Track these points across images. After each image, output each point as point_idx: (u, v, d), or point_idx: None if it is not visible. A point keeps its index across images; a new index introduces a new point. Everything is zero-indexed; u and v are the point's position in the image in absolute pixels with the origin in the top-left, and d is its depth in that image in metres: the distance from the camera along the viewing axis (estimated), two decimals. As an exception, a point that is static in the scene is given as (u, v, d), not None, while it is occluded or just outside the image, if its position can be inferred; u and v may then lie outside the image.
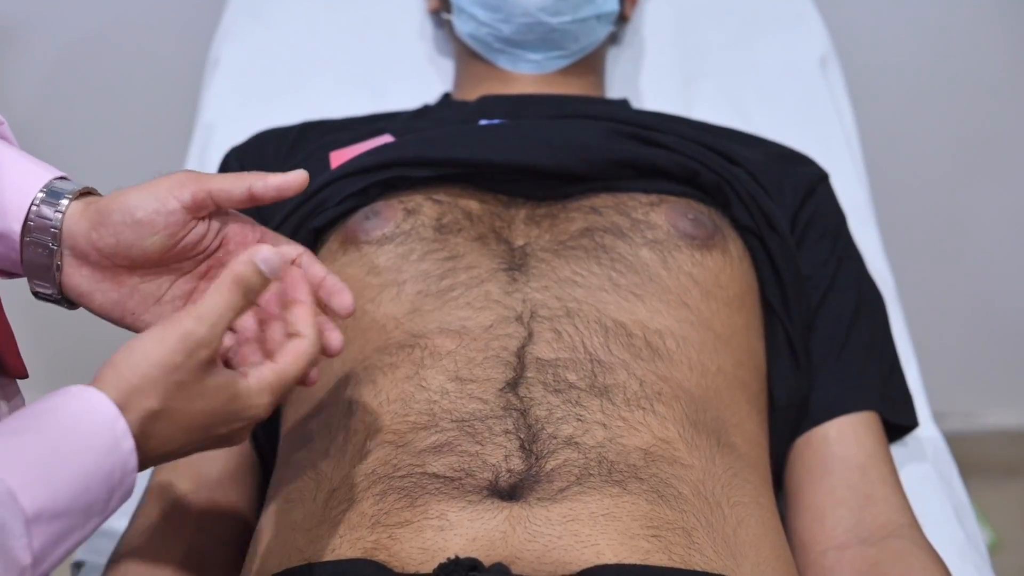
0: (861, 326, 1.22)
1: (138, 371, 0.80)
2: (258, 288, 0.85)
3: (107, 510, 0.80)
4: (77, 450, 0.77)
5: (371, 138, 1.29)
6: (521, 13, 1.34)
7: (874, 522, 1.09)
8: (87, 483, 0.77)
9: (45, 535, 0.75)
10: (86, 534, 0.79)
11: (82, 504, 0.77)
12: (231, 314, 0.83)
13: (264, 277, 0.85)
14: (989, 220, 2.06)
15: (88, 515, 0.78)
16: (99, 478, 0.78)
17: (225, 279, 0.84)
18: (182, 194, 0.91)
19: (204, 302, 0.83)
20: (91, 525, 0.79)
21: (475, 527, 0.90)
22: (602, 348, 1.05)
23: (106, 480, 0.78)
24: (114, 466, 0.78)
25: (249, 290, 0.84)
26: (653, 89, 1.59)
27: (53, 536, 0.76)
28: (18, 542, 0.74)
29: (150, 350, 0.81)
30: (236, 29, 1.65)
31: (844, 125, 1.59)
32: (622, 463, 0.96)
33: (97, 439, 0.78)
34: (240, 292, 0.84)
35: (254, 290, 0.85)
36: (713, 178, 1.20)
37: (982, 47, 1.92)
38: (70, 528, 0.77)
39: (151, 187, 0.92)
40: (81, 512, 0.77)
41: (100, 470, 0.78)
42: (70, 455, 0.77)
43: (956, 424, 2.13)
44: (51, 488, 0.75)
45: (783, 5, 1.69)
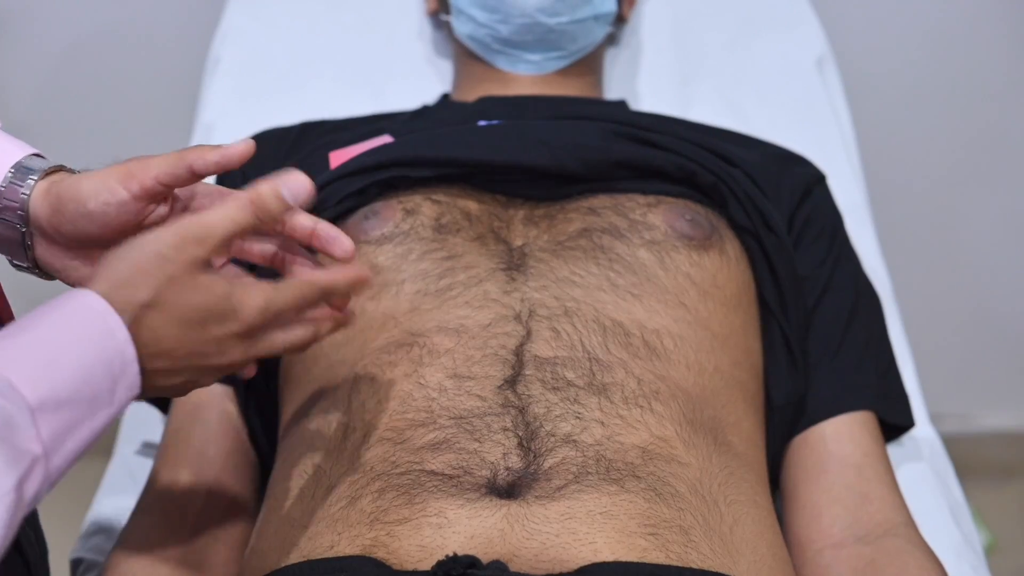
0: (857, 326, 1.22)
1: (129, 263, 0.82)
2: (274, 211, 0.85)
3: (113, 401, 0.80)
4: (72, 342, 0.78)
5: (370, 138, 1.29)
6: (519, 14, 1.35)
7: (870, 521, 1.10)
8: (87, 372, 0.78)
9: (52, 424, 0.76)
10: (96, 426, 0.79)
11: (86, 393, 0.78)
12: (234, 226, 0.84)
13: (283, 203, 0.86)
14: (986, 222, 2.07)
15: (94, 405, 0.78)
16: (99, 367, 0.78)
17: (243, 194, 0.84)
18: (131, 185, 0.91)
19: (211, 210, 0.84)
20: (100, 417, 0.79)
21: (473, 525, 0.91)
22: (600, 347, 1.05)
23: (106, 369, 0.79)
24: (112, 356, 0.79)
25: (262, 210, 0.85)
26: (651, 90, 1.59)
27: (62, 426, 0.76)
28: (25, 432, 0.74)
29: (143, 244, 0.82)
30: (236, 29, 1.65)
31: (841, 126, 1.60)
32: (620, 461, 0.96)
33: (91, 330, 0.79)
34: (251, 210, 0.84)
35: (268, 212, 0.85)
36: (710, 179, 1.20)
37: (978, 49, 1.93)
38: (78, 418, 0.77)
39: (103, 177, 0.91)
40: (86, 401, 0.78)
41: (98, 360, 0.78)
42: (66, 347, 0.77)
43: (953, 426, 2.12)
44: (51, 378, 0.76)
45: (780, 7, 1.69)
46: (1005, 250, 2.10)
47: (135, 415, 1.36)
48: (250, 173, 1.30)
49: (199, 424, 1.17)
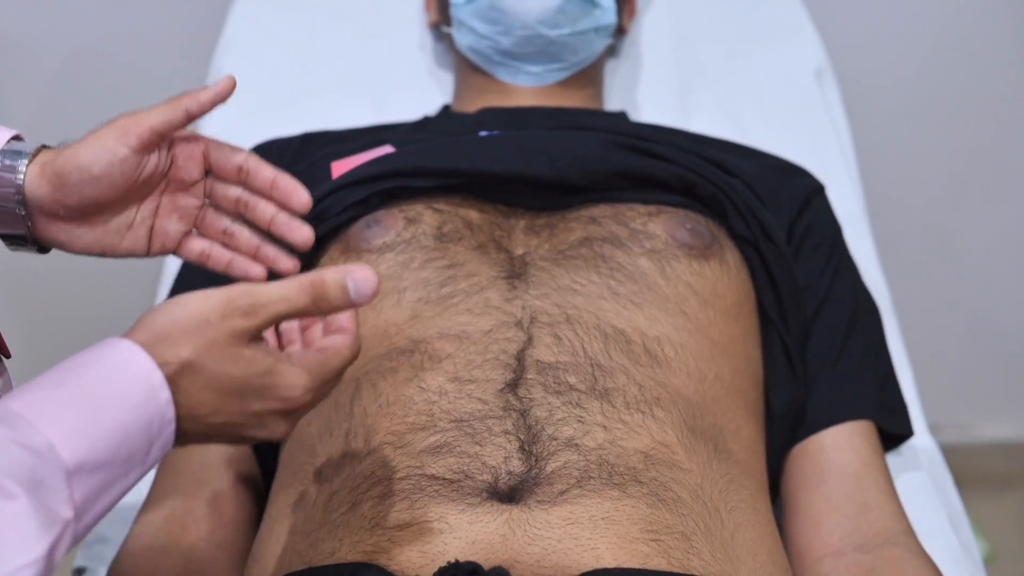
0: (857, 335, 1.22)
1: (170, 319, 0.80)
2: (335, 302, 0.82)
3: (147, 461, 0.79)
4: (114, 401, 0.77)
5: (372, 148, 1.30)
6: (520, 26, 1.35)
7: (870, 529, 1.10)
8: (126, 433, 0.77)
9: (87, 487, 0.75)
10: (129, 485, 0.79)
11: (123, 455, 0.77)
12: (285, 305, 0.82)
13: (346, 296, 0.82)
14: (984, 232, 2.07)
15: (129, 466, 0.78)
16: (138, 428, 0.77)
17: (306, 277, 0.82)
18: (129, 140, 0.92)
19: (268, 284, 0.83)
20: (133, 476, 0.79)
21: (475, 530, 0.91)
22: (602, 353, 1.06)
23: (145, 430, 0.78)
24: (151, 416, 0.78)
25: (321, 298, 0.82)
26: (651, 101, 1.60)
27: (95, 488, 0.76)
28: (59, 495, 0.74)
29: (189, 303, 0.81)
30: (238, 41, 1.66)
31: (840, 137, 1.60)
32: (622, 465, 0.96)
33: (134, 390, 0.78)
34: (310, 295, 0.82)
35: (328, 301, 0.82)
36: (710, 189, 1.21)
37: (977, 61, 1.94)
38: (112, 479, 0.77)
39: (98, 141, 0.93)
40: (122, 463, 0.77)
41: (138, 420, 0.77)
42: (108, 406, 0.76)
43: (952, 436, 2.13)
44: (91, 440, 0.75)
45: (779, 18, 1.70)
46: (1003, 260, 2.11)
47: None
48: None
49: (201, 432, 1.17)
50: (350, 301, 0.82)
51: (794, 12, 1.71)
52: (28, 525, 0.72)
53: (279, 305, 0.81)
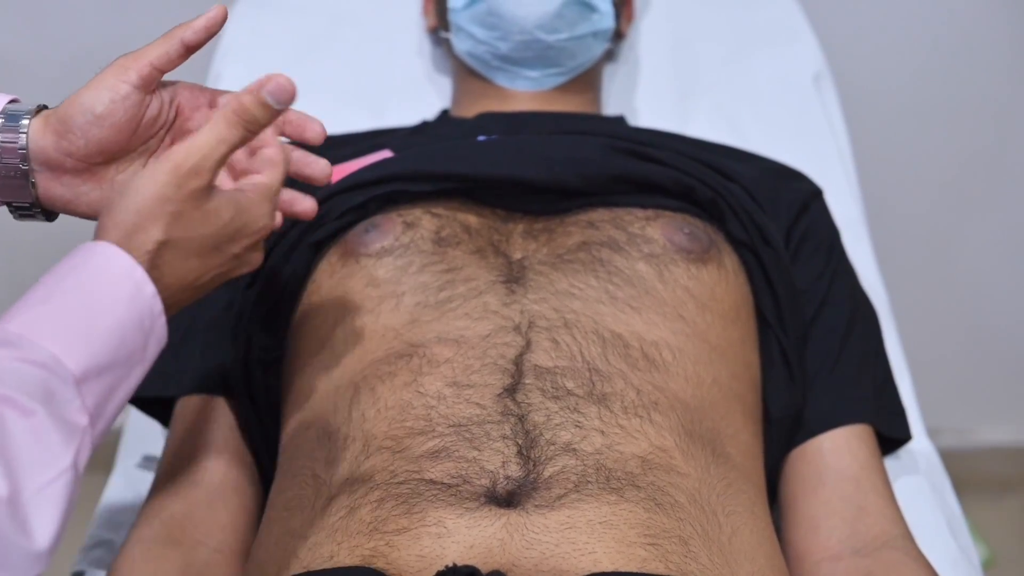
0: (855, 339, 1.23)
1: (133, 209, 0.82)
2: (261, 120, 0.85)
3: (146, 358, 0.82)
4: (105, 304, 0.79)
5: (370, 153, 1.30)
6: (518, 31, 1.35)
7: (868, 533, 1.10)
8: (122, 334, 0.80)
9: (96, 392, 0.77)
10: (133, 384, 0.81)
11: (123, 355, 0.80)
12: (224, 146, 0.84)
13: (269, 108, 0.85)
14: (983, 236, 2.07)
15: (130, 365, 0.80)
16: (132, 326, 0.80)
17: (224, 110, 0.84)
18: (129, 76, 0.93)
19: (198, 133, 0.84)
20: (136, 374, 0.81)
21: (473, 534, 0.91)
22: (600, 358, 1.06)
23: (139, 327, 0.81)
24: (142, 312, 0.81)
25: (251, 121, 0.85)
26: (649, 106, 1.60)
27: (104, 391, 0.78)
28: (72, 404, 0.76)
29: (142, 187, 0.83)
30: (237, 45, 1.66)
31: (838, 141, 1.61)
32: (620, 470, 0.96)
33: (120, 290, 0.80)
34: (239, 123, 0.84)
35: (256, 121, 0.85)
36: (708, 193, 1.21)
37: (975, 65, 1.94)
38: (117, 380, 0.79)
39: (99, 82, 0.94)
40: (123, 363, 0.80)
41: (131, 318, 0.80)
42: (101, 311, 0.79)
43: (951, 440, 2.13)
44: (91, 346, 0.78)
45: (777, 22, 1.70)
46: (1002, 264, 2.11)
47: (136, 429, 1.36)
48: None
49: (200, 437, 1.17)
50: (275, 111, 0.86)
51: (792, 16, 1.71)
52: (50, 438, 0.74)
53: (219, 148, 0.84)
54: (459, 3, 1.39)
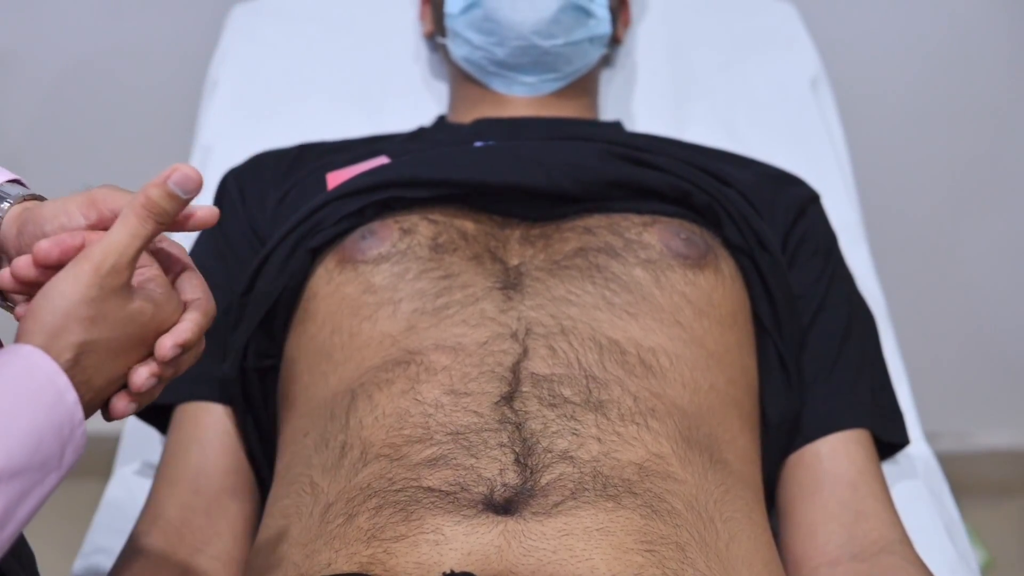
0: (852, 344, 1.22)
1: (58, 313, 0.81)
2: (171, 211, 0.84)
3: (62, 465, 0.80)
4: (25, 408, 0.78)
5: (367, 159, 1.30)
6: (515, 36, 1.35)
7: (865, 538, 1.10)
8: (39, 438, 0.78)
9: (7, 495, 0.76)
10: (46, 491, 0.79)
11: (37, 461, 0.78)
12: (138, 241, 0.84)
13: (177, 200, 0.84)
14: (980, 240, 2.07)
15: (45, 471, 0.78)
16: (50, 432, 0.78)
17: (132, 205, 0.84)
18: (89, 213, 0.90)
19: (112, 231, 0.84)
20: (50, 481, 0.79)
21: (470, 541, 0.91)
22: (596, 365, 1.06)
23: (56, 434, 0.79)
24: (62, 419, 0.79)
25: (160, 214, 0.84)
26: (646, 111, 1.60)
27: (14, 496, 0.76)
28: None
29: (65, 290, 0.82)
30: (234, 52, 1.66)
31: (835, 146, 1.61)
32: (616, 477, 0.97)
33: (42, 395, 0.78)
34: (150, 217, 0.84)
35: (166, 213, 0.84)
36: (705, 199, 1.21)
37: (972, 70, 1.94)
38: (30, 485, 0.77)
39: (66, 201, 0.91)
40: (38, 468, 0.78)
41: (50, 424, 0.78)
42: (19, 413, 0.77)
43: (949, 444, 2.13)
44: (6, 447, 0.76)
45: (774, 27, 1.70)
46: (1000, 268, 2.11)
47: (133, 436, 1.36)
48: (249, 192, 1.32)
49: (197, 443, 1.17)
50: (183, 200, 0.85)
51: (789, 21, 1.71)
52: None
53: (134, 243, 0.83)
54: (455, 9, 1.39)
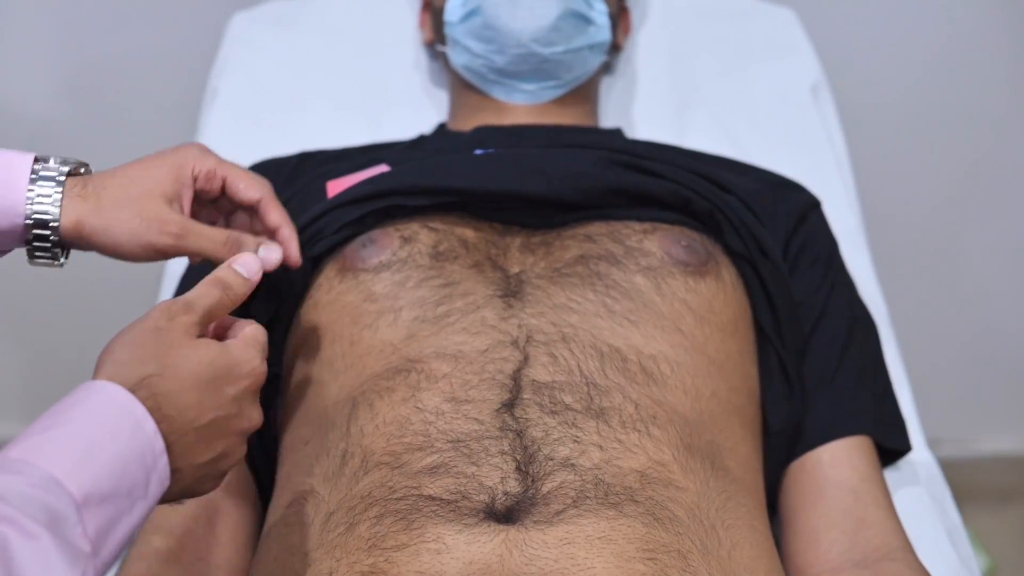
0: (853, 351, 1.22)
1: (127, 345, 0.85)
2: (237, 287, 0.94)
3: (148, 495, 0.81)
4: (106, 436, 0.79)
5: (368, 168, 1.30)
6: (514, 44, 1.35)
7: (868, 545, 1.10)
8: (124, 465, 0.79)
9: (97, 519, 0.76)
10: (135, 521, 0.80)
11: (124, 487, 0.79)
12: (210, 301, 0.91)
13: (243, 277, 0.95)
14: (983, 246, 2.07)
15: (132, 499, 0.79)
16: (133, 460, 0.80)
17: (211, 276, 0.94)
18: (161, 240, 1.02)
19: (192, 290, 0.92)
20: (138, 510, 0.80)
21: (472, 550, 0.91)
22: (598, 372, 1.06)
23: (139, 461, 0.80)
24: (143, 448, 0.80)
25: (228, 287, 0.93)
26: (647, 118, 1.60)
27: (105, 521, 0.77)
28: (74, 530, 0.75)
29: (136, 324, 0.86)
30: (234, 60, 1.66)
31: (836, 152, 1.60)
32: (618, 485, 0.96)
33: (121, 424, 0.80)
34: (220, 287, 0.93)
35: (233, 288, 0.94)
36: (705, 206, 1.21)
37: (973, 76, 1.94)
38: (119, 512, 0.78)
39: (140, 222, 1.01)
40: (125, 495, 0.79)
41: (131, 452, 0.80)
42: (101, 441, 0.78)
43: (952, 450, 2.13)
44: (92, 473, 0.77)
45: (775, 34, 1.70)
46: (1002, 274, 2.11)
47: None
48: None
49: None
50: (249, 281, 0.96)
51: (790, 28, 1.71)
52: (55, 564, 0.73)
53: (205, 299, 0.91)
54: (455, 17, 1.39)
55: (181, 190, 1.05)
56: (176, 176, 1.05)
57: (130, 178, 1.03)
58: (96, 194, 1.01)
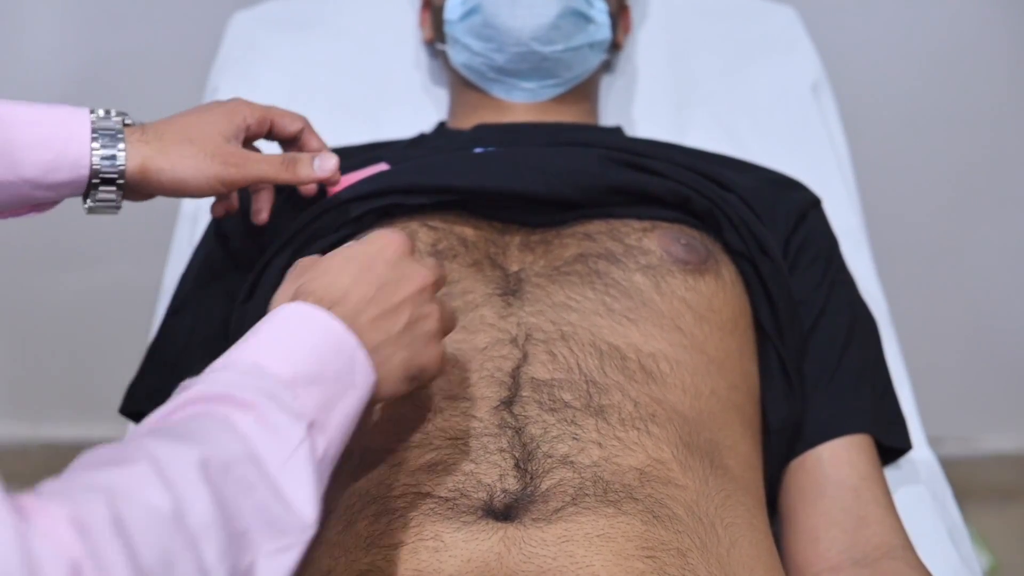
0: (854, 349, 1.22)
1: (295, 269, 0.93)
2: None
3: (356, 384, 0.85)
4: (300, 334, 0.84)
5: (367, 166, 1.30)
6: (514, 42, 1.35)
7: (868, 544, 1.10)
8: (322, 356, 0.83)
9: (310, 399, 0.81)
10: (350, 407, 0.84)
11: (329, 373, 0.83)
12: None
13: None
14: (984, 243, 2.07)
15: (341, 385, 0.83)
16: (329, 352, 0.84)
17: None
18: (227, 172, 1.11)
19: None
20: (350, 398, 0.84)
21: (470, 548, 0.91)
22: (597, 370, 1.06)
23: (336, 352, 0.84)
24: (338, 342, 0.85)
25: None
26: (647, 116, 1.60)
27: (318, 401, 0.81)
28: (290, 402, 0.79)
29: None
30: (233, 59, 1.66)
31: (836, 150, 1.60)
32: (617, 483, 0.96)
33: (308, 324, 0.85)
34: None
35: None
36: (705, 204, 1.21)
37: (974, 74, 1.94)
38: (331, 396, 0.82)
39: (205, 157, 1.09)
40: (331, 380, 0.83)
41: (327, 344, 0.84)
42: (296, 338, 0.84)
43: (954, 449, 2.13)
44: (293, 360, 0.82)
45: (775, 32, 1.70)
46: (1003, 271, 2.10)
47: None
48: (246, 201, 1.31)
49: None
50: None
51: (790, 26, 1.71)
52: (277, 420, 0.78)
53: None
54: (455, 15, 1.39)
55: (236, 132, 1.13)
56: (230, 120, 1.13)
57: (188, 122, 1.11)
58: (158, 137, 1.09)
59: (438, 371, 0.94)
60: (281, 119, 1.19)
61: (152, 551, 0.67)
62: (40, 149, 1.05)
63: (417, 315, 0.91)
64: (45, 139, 1.05)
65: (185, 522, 0.69)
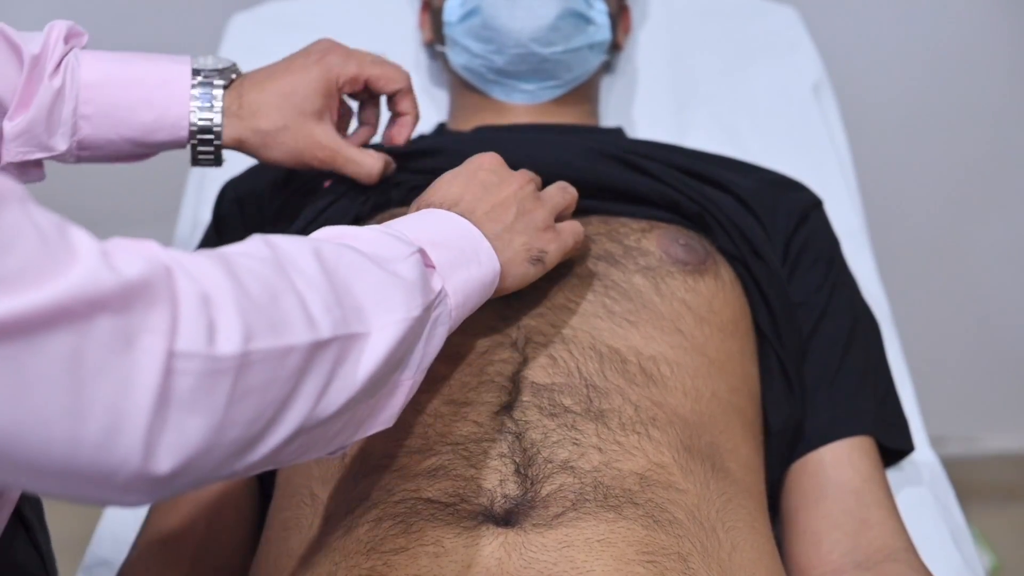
0: (855, 351, 1.22)
1: None
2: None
3: (480, 261, 0.95)
4: (428, 218, 0.96)
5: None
6: (514, 44, 1.35)
7: (870, 546, 1.09)
8: (446, 232, 0.94)
9: (438, 256, 0.90)
10: (474, 277, 0.93)
11: (455, 242, 0.93)
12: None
13: None
14: (985, 244, 2.07)
15: (465, 254, 0.93)
16: (454, 232, 0.95)
17: None
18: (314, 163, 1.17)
19: None
20: (475, 270, 0.93)
21: (470, 553, 0.91)
22: (597, 374, 1.05)
23: (460, 234, 0.95)
24: (461, 228, 0.96)
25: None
26: (647, 117, 1.59)
27: (445, 260, 0.91)
28: (410, 240, 0.88)
29: None
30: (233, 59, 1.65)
31: (838, 151, 1.60)
32: (617, 488, 0.96)
33: (433, 215, 0.97)
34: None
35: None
36: (694, 208, 1.21)
37: (974, 74, 1.94)
38: (456, 260, 0.92)
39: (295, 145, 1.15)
40: (457, 247, 0.93)
41: (451, 226, 0.96)
42: (425, 220, 0.95)
43: (956, 448, 2.13)
44: (418, 230, 0.91)
45: (776, 32, 1.70)
46: (1005, 271, 2.10)
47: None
48: (248, 201, 1.31)
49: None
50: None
51: (791, 26, 1.71)
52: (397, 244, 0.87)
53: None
54: (454, 17, 1.39)
55: (329, 102, 1.17)
56: (324, 89, 1.16)
57: (282, 94, 1.14)
58: (252, 113, 1.14)
59: (560, 254, 1.05)
60: (377, 80, 1.20)
61: (257, 282, 0.72)
62: (141, 110, 1.09)
63: (524, 208, 1.02)
64: (146, 100, 1.09)
65: (286, 270, 0.75)
